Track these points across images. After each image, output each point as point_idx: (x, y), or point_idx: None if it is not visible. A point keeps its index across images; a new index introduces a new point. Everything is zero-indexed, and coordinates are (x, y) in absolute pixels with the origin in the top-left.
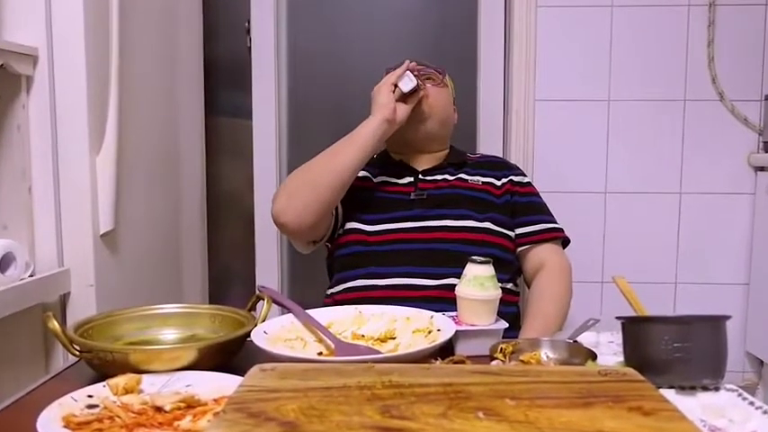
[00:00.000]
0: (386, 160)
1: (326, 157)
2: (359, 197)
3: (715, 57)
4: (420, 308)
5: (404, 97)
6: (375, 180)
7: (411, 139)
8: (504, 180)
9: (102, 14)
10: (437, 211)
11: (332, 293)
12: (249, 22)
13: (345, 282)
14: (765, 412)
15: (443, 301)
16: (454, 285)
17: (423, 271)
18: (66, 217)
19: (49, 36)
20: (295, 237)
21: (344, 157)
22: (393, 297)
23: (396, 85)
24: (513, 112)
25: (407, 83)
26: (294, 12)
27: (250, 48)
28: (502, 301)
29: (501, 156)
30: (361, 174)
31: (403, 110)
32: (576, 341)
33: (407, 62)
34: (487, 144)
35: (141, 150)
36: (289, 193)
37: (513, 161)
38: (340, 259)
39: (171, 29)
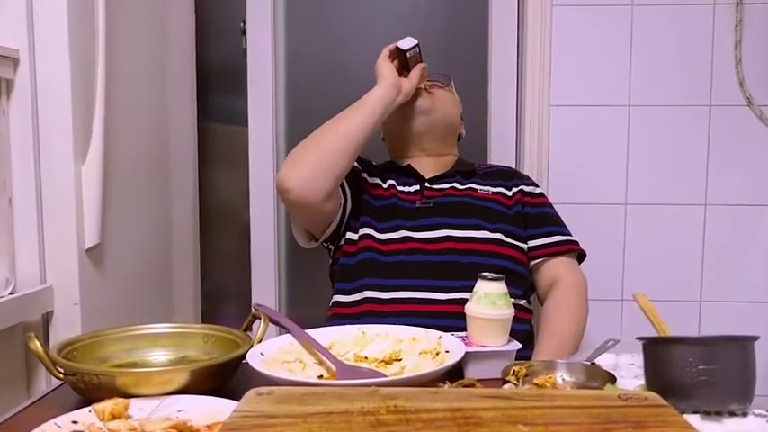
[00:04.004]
0: (391, 166)
1: (333, 122)
2: (369, 203)
3: (742, 59)
4: (428, 323)
5: (407, 69)
6: (384, 185)
7: (417, 133)
8: (515, 190)
9: (87, 14)
10: (444, 220)
11: (334, 304)
12: (244, 23)
13: (350, 293)
14: None
15: (453, 316)
16: (464, 300)
17: (430, 284)
18: (49, 230)
19: (31, 37)
20: (298, 210)
21: (352, 121)
22: (399, 311)
23: (396, 54)
24: (527, 119)
25: (407, 42)
26: (292, 12)
27: (245, 49)
28: (514, 319)
29: (513, 166)
30: (371, 180)
31: (407, 83)
32: (593, 363)
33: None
34: (499, 153)
35: (129, 159)
36: (294, 159)
37: (526, 171)
38: (346, 267)
39: (161, 29)
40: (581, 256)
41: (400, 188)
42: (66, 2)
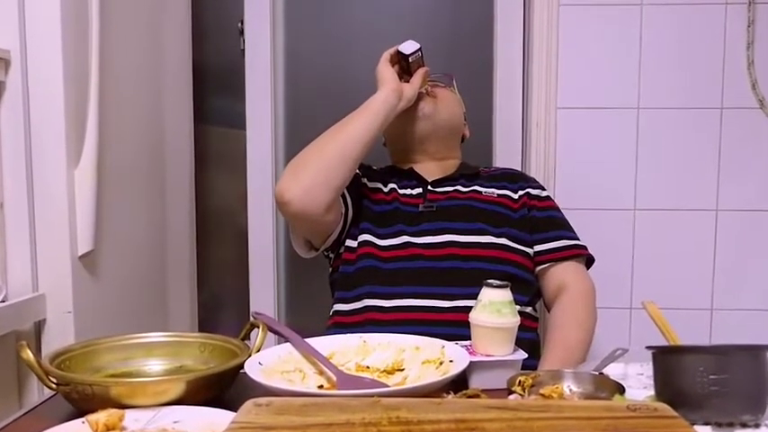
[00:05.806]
0: (392, 170)
1: (334, 131)
2: (370, 208)
3: (755, 60)
4: (431, 331)
5: (408, 73)
6: (385, 190)
7: (420, 138)
8: (521, 192)
9: (80, 14)
10: (448, 224)
11: (334, 313)
12: (242, 23)
13: (350, 302)
14: None
15: (457, 324)
16: (468, 307)
17: (433, 291)
18: (41, 237)
19: (23, 38)
20: (299, 221)
21: (353, 128)
22: (401, 320)
23: (397, 59)
24: (533, 121)
25: (409, 46)
26: (291, 11)
27: (243, 50)
28: (519, 327)
29: (520, 170)
30: (371, 184)
31: (409, 88)
32: (602, 373)
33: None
34: (505, 158)
35: (124, 163)
36: (295, 167)
37: (532, 175)
38: (346, 275)
39: (157, 30)
40: (589, 261)
41: (402, 192)
42: (59, 2)
